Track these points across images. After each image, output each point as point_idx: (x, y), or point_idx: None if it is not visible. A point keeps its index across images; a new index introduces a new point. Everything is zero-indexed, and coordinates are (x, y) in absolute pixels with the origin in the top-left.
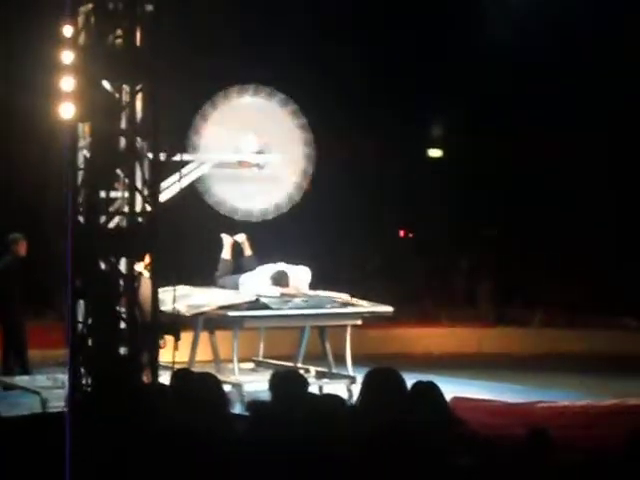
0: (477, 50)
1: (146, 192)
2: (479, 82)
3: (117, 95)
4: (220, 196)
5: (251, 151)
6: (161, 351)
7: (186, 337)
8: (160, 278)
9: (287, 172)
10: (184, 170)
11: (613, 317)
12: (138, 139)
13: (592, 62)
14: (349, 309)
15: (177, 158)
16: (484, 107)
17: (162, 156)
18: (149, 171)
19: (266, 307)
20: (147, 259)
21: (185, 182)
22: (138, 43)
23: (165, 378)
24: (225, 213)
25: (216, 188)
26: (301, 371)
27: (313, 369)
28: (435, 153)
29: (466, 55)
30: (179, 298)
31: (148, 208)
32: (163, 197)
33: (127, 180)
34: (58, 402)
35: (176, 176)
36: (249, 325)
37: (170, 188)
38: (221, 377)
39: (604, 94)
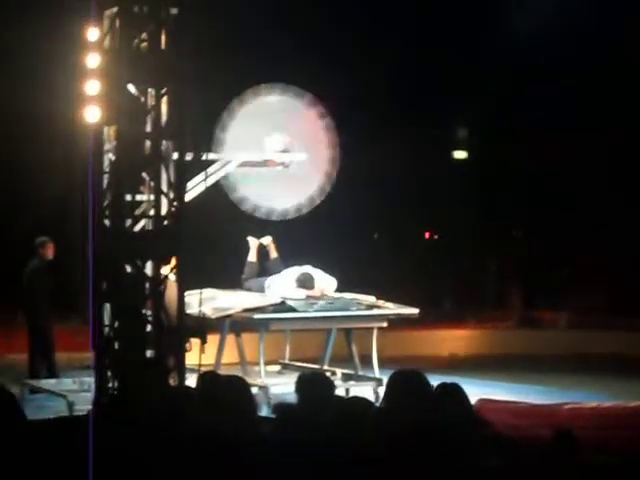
0: (502, 52)
1: (172, 195)
2: (504, 84)
3: (142, 98)
4: (244, 194)
5: (277, 150)
6: (187, 354)
7: (212, 340)
8: (186, 281)
9: (311, 172)
10: (210, 169)
11: (638, 318)
12: (163, 142)
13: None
14: (375, 311)
15: (203, 157)
16: (508, 109)
17: (188, 155)
18: (175, 174)
19: (292, 310)
20: (173, 262)
21: (211, 181)
22: (163, 46)
23: (191, 381)
24: (248, 211)
25: (241, 186)
26: (327, 373)
27: (339, 371)
28: (460, 155)
29: (491, 57)
30: (205, 301)
31: (174, 211)
32: (189, 196)
33: (153, 183)
34: (85, 405)
35: (202, 175)
36: (275, 327)
37: (196, 187)
38: (247, 380)
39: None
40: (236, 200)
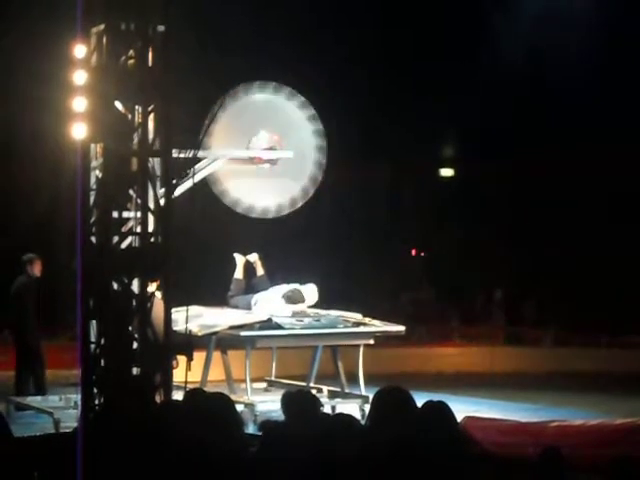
0: (490, 72)
1: (158, 212)
2: (490, 103)
3: (129, 115)
4: (226, 188)
5: (263, 148)
6: (174, 371)
7: (199, 357)
8: (173, 298)
9: (296, 174)
10: (197, 165)
11: (624, 336)
12: (150, 159)
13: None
14: (361, 328)
15: (190, 154)
16: (495, 127)
17: (175, 152)
18: (161, 191)
19: (278, 327)
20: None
21: (198, 178)
22: (150, 63)
23: (178, 398)
24: (228, 205)
25: (224, 180)
26: (314, 391)
27: (326, 389)
28: (447, 172)
29: (480, 75)
30: (191, 318)
31: (160, 228)
32: (177, 192)
33: (139, 200)
34: (71, 422)
35: (188, 172)
36: (261, 345)
37: (184, 183)
38: (234, 397)
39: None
40: (218, 193)
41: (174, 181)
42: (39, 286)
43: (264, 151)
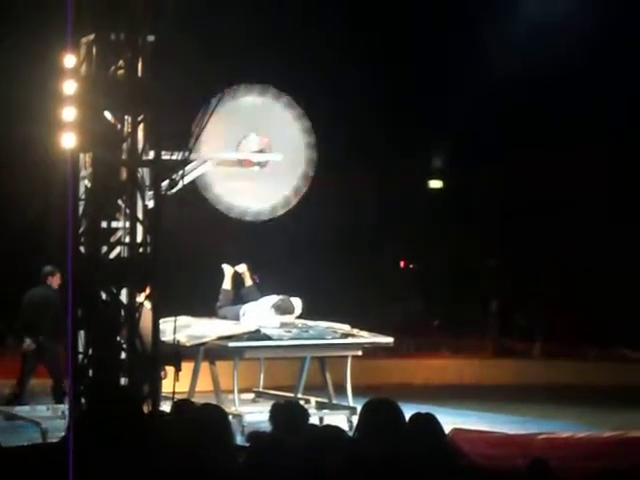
0: (477, 83)
1: (147, 222)
2: (478, 114)
3: (119, 125)
4: (219, 193)
5: (252, 150)
6: (162, 381)
7: (187, 367)
8: (161, 308)
9: (288, 173)
10: (187, 168)
11: (612, 348)
12: (139, 169)
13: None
14: (350, 340)
15: (179, 157)
16: (483, 138)
17: (165, 155)
18: (150, 201)
19: (267, 338)
20: (148, 290)
21: (187, 180)
22: (140, 73)
23: (166, 408)
24: (222, 210)
25: (216, 186)
26: (301, 402)
27: (313, 400)
28: (436, 184)
29: (466, 88)
30: (180, 328)
31: (149, 238)
32: (164, 194)
33: (128, 210)
34: (58, 432)
35: (177, 174)
36: (249, 356)
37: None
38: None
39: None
40: (210, 199)
41: (163, 188)
42: (59, 298)
43: (254, 154)
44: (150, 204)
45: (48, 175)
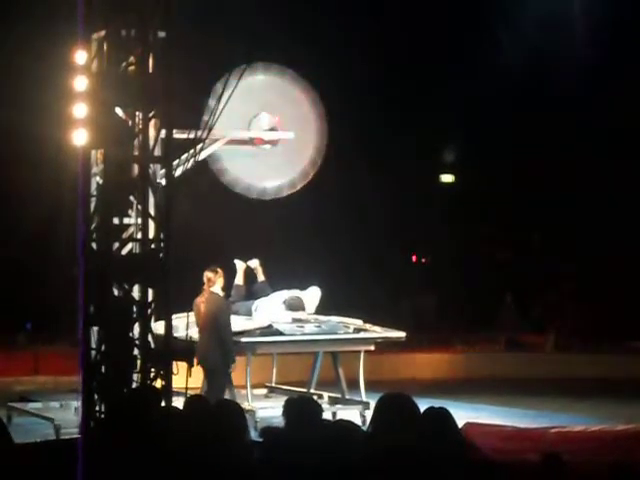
0: (488, 78)
1: (159, 218)
2: (490, 108)
3: (130, 122)
4: (236, 176)
5: (263, 129)
6: (174, 377)
7: None
8: (173, 304)
9: (301, 148)
10: (198, 147)
11: (625, 341)
12: (151, 165)
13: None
14: (362, 334)
15: (191, 135)
16: (494, 133)
17: (176, 134)
18: (162, 197)
19: (279, 333)
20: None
21: (199, 158)
22: (150, 69)
23: (179, 404)
24: (241, 192)
25: (232, 168)
26: (314, 397)
27: (326, 395)
28: (447, 178)
29: (478, 82)
30: (192, 324)
31: (161, 234)
32: (177, 173)
33: (140, 206)
34: (71, 429)
35: (190, 152)
36: (262, 351)
37: (184, 164)
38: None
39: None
40: (227, 182)
41: (175, 166)
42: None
43: (265, 132)
44: (163, 181)
45: (59, 172)
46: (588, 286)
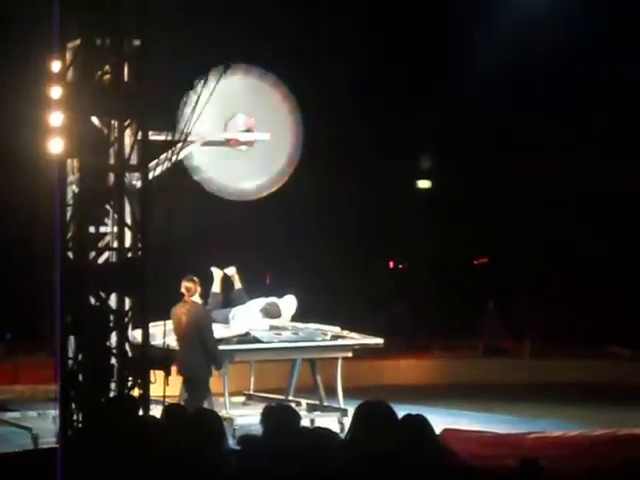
0: (465, 83)
1: (135, 227)
2: (466, 113)
3: (105, 130)
4: (210, 176)
5: (239, 130)
6: (152, 386)
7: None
8: (150, 313)
9: (275, 152)
10: (174, 148)
11: (603, 346)
12: (127, 174)
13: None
14: (340, 341)
15: (166, 137)
16: (472, 138)
17: (152, 136)
18: (138, 206)
19: (257, 340)
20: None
21: (174, 159)
22: (126, 78)
23: (156, 413)
24: (214, 192)
25: (206, 168)
26: (292, 404)
27: (304, 402)
28: (424, 184)
29: (455, 86)
30: (169, 332)
31: (137, 243)
32: (152, 175)
33: (116, 215)
34: (49, 438)
35: (165, 154)
36: (240, 359)
37: (159, 166)
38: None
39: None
40: (201, 181)
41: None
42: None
43: (241, 133)
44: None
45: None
46: (565, 291)
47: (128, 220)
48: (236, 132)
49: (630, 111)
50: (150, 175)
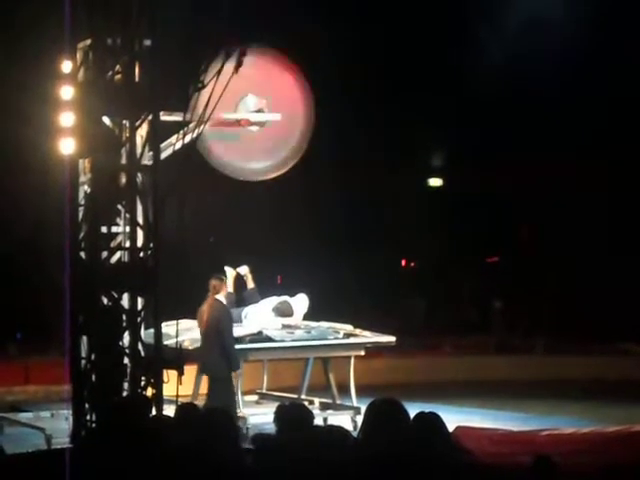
0: (478, 81)
1: (147, 227)
2: (478, 112)
3: (117, 130)
4: (223, 159)
5: (250, 110)
6: (165, 385)
7: (189, 371)
8: (163, 312)
9: (287, 132)
10: (185, 129)
11: (615, 343)
12: (139, 174)
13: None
14: (352, 340)
15: (177, 118)
16: (483, 136)
17: (163, 116)
18: (150, 206)
19: (269, 339)
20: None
21: (185, 140)
22: (137, 78)
23: (169, 412)
24: (228, 174)
25: (215, 147)
26: (305, 403)
27: (317, 400)
28: (435, 182)
29: (467, 85)
30: (182, 332)
31: (150, 243)
32: (164, 155)
33: (128, 215)
34: (63, 438)
35: (176, 135)
36: (253, 358)
37: (171, 146)
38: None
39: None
40: (214, 165)
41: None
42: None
43: (251, 114)
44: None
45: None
46: (577, 288)
47: (140, 220)
48: (247, 112)
49: None
50: (162, 155)
